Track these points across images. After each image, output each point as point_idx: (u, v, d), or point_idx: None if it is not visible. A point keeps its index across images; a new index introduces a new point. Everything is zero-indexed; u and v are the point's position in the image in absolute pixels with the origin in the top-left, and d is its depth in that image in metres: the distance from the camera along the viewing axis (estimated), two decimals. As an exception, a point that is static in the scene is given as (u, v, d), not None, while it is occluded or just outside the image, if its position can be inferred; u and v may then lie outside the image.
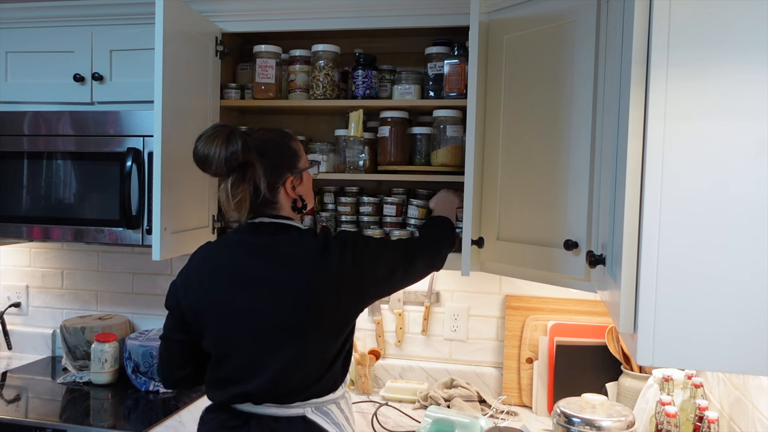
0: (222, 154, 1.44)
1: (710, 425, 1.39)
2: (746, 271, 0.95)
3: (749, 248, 0.95)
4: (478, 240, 1.85)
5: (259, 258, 1.50)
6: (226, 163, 1.44)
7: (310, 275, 1.45)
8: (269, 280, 1.46)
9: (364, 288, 1.52)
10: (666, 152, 0.98)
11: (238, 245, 1.53)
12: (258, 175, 1.49)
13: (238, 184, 1.48)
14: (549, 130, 1.71)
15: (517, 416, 2.14)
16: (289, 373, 1.46)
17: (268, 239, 1.51)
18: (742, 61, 0.95)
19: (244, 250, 1.52)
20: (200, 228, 2.06)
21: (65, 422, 2.02)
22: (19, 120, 2.20)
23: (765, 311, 0.94)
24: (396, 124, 2.10)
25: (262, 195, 1.51)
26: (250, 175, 1.49)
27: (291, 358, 1.46)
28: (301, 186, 1.59)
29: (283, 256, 1.48)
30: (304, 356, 1.46)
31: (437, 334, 2.38)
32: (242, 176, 1.49)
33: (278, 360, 1.46)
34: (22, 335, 2.72)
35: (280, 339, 1.46)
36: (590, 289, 1.62)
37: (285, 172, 1.55)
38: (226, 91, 2.21)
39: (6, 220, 2.22)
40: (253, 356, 1.48)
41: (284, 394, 1.48)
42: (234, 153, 1.44)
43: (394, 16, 2.03)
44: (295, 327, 1.45)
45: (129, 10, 2.17)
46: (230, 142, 1.45)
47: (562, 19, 1.67)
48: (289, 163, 1.56)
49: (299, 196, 1.59)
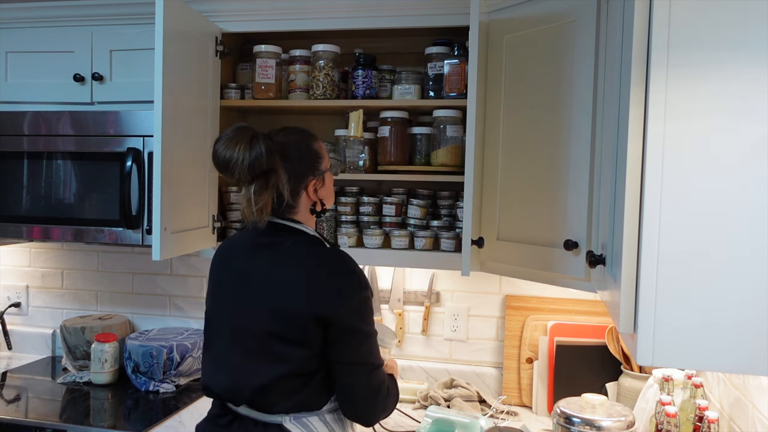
0: (246, 159, 1.40)
1: (710, 425, 1.39)
2: (746, 271, 0.95)
3: (749, 248, 0.95)
4: (478, 240, 1.85)
5: (254, 259, 1.50)
6: (249, 169, 1.41)
7: (301, 290, 1.42)
8: (258, 281, 1.47)
9: (332, 332, 1.43)
10: (666, 152, 0.98)
11: (242, 243, 1.56)
12: (282, 181, 1.45)
13: (261, 191, 1.45)
14: (549, 130, 1.71)
15: (517, 416, 2.14)
16: (247, 379, 1.46)
17: (269, 240, 1.51)
18: (742, 61, 0.95)
19: (244, 250, 1.54)
20: (200, 228, 2.06)
21: (65, 422, 2.02)
22: (19, 120, 2.20)
23: (765, 311, 0.94)
24: (396, 124, 2.10)
25: (285, 202, 1.49)
26: (273, 182, 1.45)
27: (251, 365, 1.46)
28: (323, 188, 1.55)
29: (277, 261, 1.47)
30: (266, 365, 1.44)
31: (437, 334, 2.38)
32: (266, 183, 1.45)
33: (237, 364, 1.48)
34: (22, 335, 2.72)
35: (250, 343, 1.46)
36: (590, 289, 1.62)
37: (308, 176, 1.51)
38: (226, 91, 2.21)
39: (6, 220, 2.22)
40: (221, 356, 1.52)
41: (251, 401, 1.47)
42: (258, 158, 1.40)
43: (394, 16, 2.03)
44: (265, 334, 1.45)
45: (129, 10, 2.17)
46: (253, 147, 1.40)
47: (562, 19, 1.67)
48: (311, 166, 1.52)
49: (320, 200, 1.55)
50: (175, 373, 2.32)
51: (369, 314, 1.47)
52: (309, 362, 1.44)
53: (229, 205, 2.25)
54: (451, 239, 2.06)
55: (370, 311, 1.47)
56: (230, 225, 2.24)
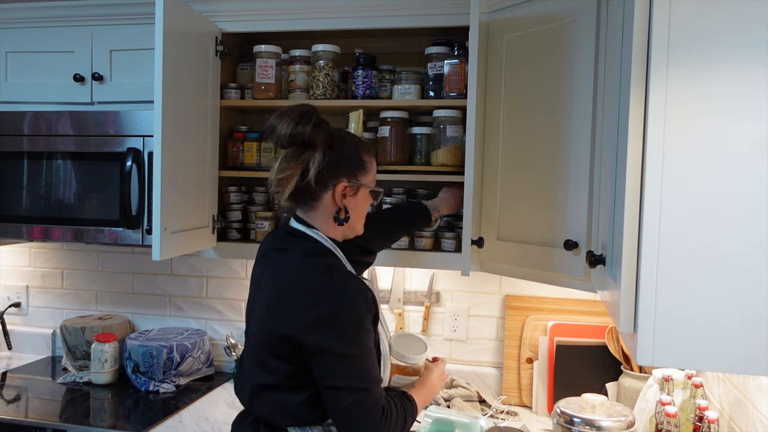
0: (291, 124, 1.38)
1: (710, 425, 1.39)
2: (746, 271, 0.95)
3: (749, 247, 0.95)
4: (478, 240, 1.85)
5: (266, 265, 1.51)
6: (291, 135, 1.39)
7: (275, 305, 1.41)
8: (262, 289, 1.48)
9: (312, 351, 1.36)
10: (666, 152, 0.98)
11: (264, 247, 1.58)
12: (314, 159, 1.41)
13: (290, 159, 1.41)
14: (549, 130, 1.71)
15: (517, 416, 2.14)
16: (245, 385, 1.48)
17: (279, 245, 1.50)
18: (742, 61, 0.95)
19: (262, 255, 1.55)
20: (200, 228, 2.06)
21: (65, 422, 2.02)
22: (19, 120, 2.20)
23: (765, 311, 0.94)
24: (396, 124, 2.10)
25: (307, 182, 1.41)
26: (306, 157, 1.41)
27: (250, 372, 1.47)
28: (353, 199, 1.49)
29: (276, 269, 1.46)
30: (258, 373, 1.45)
31: (437, 334, 2.38)
32: (298, 153, 1.41)
33: (244, 369, 1.50)
34: (22, 335, 2.72)
35: (254, 350, 1.48)
36: (590, 289, 1.62)
37: (342, 175, 1.45)
38: (226, 91, 2.21)
39: (6, 220, 2.22)
40: (242, 360, 1.55)
41: (252, 407, 1.48)
42: (304, 126, 1.38)
43: (394, 16, 2.03)
44: (259, 344, 1.45)
45: (129, 10, 2.17)
46: (304, 117, 1.39)
47: (562, 19, 1.67)
48: (350, 168, 1.47)
49: (344, 207, 1.47)
50: (175, 373, 2.32)
51: (351, 333, 1.35)
52: (294, 377, 1.40)
53: (229, 205, 2.25)
54: (451, 239, 2.06)
55: (353, 330, 1.35)
56: (230, 225, 2.24)
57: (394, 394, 1.49)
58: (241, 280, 2.54)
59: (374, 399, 1.37)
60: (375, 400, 1.37)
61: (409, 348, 1.65)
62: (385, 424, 1.38)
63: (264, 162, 2.21)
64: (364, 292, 1.38)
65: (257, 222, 2.19)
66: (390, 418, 1.39)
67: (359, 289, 1.38)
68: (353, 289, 1.37)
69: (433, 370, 1.67)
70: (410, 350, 1.65)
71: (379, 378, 1.42)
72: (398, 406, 1.44)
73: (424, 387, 1.61)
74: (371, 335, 1.40)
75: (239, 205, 2.27)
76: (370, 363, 1.39)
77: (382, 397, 1.40)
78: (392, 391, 1.52)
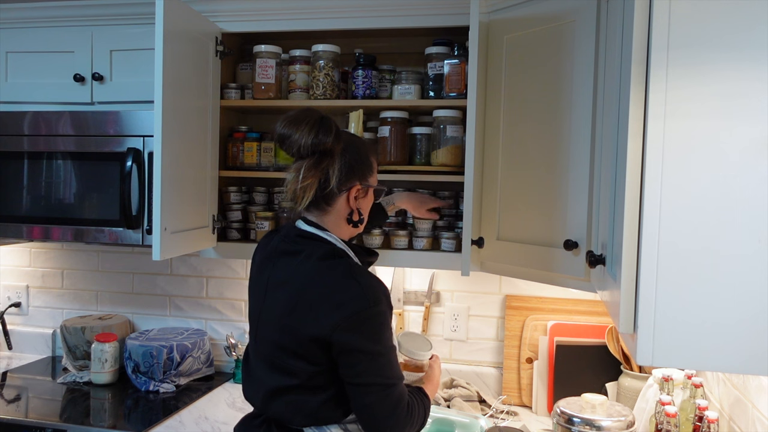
0: (312, 134, 1.39)
1: (710, 425, 1.39)
2: (746, 271, 0.95)
3: (749, 247, 0.95)
4: (478, 240, 1.85)
5: (275, 268, 1.49)
6: (313, 144, 1.40)
7: (299, 308, 1.40)
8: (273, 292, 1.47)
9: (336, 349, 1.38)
10: (666, 152, 0.98)
11: (270, 249, 1.54)
12: (334, 167, 1.43)
13: (312, 168, 1.42)
14: (549, 130, 1.71)
15: (517, 416, 2.14)
16: (262, 388, 1.47)
17: (290, 248, 1.48)
18: (741, 60, 0.95)
19: (270, 257, 1.52)
20: (200, 228, 2.06)
21: (65, 422, 2.02)
22: (19, 120, 2.20)
23: (765, 311, 0.94)
24: (396, 124, 2.10)
25: (327, 189, 1.44)
26: (326, 165, 1.43)
27: (267, 375, 1.47)
28: (364, 200, 1.53)
29: (289, 272, 1.45)
30: (277, 376, 1.45)
31: (437, 334, 2.38)
32: (320, 162, 1.42)
33: (257, 372, 1.49)
34: (22, 335, 2.72)
35: (267, 353, 1.47)
36: (590, 289, 1.62)
37: (355, 179, 1.48)
38: (226, 91, 2.21)
39: (6, 220, 2.22)
40: (250, 363, 1.54)
41: (270, 411, 1.47)
42: (326, 135, 1.40)
43: (394, 16, 2.03)
44: (276, 347, 1.44)
45: (129, 10, 2.17)
46: (323, 125, 1.41)
47: (562, 19, 1.67)
48: (362, 171, 1.50)
49: (357, 209, 1.51)
50: (175, 373, 2.32)
51: (377, 332, 1.38)
52: (317, 378, 1.41)
53: (229, 205, 2.25)
54: (451, 239, 2.06)
55: (379, 328, 1.38)
56: (230, 225, 2.24)
57: (413, 389, 1.53)
58: (241, 280, 2.54)
59: (399, 395, 1.41)
60: (399, 396, 1.41)
61: (416, 345, 1.68)
62: (410, 420, 1.42)
63: (264, 162, 2.21)
64: (384, 290, 1.42)
65: (257, 222, 2.19)
66: (413, 413, 1.44)
67: (381, 287, 1.41)
68: (377, 288, 1.40)
69: (435, 366, 1.71)
70: (418, 347, 1.68)
71: (402, 374, 1.46)
72: (418, 402, 1.48)
73: (431, 383, 1.65)
74: (392, 333, 1.45)
75: (239, 205, 2.27)
76: (394, 360, 1.43)
77: (406, 393, 1.44)
78: (410, 387, 1.54)
